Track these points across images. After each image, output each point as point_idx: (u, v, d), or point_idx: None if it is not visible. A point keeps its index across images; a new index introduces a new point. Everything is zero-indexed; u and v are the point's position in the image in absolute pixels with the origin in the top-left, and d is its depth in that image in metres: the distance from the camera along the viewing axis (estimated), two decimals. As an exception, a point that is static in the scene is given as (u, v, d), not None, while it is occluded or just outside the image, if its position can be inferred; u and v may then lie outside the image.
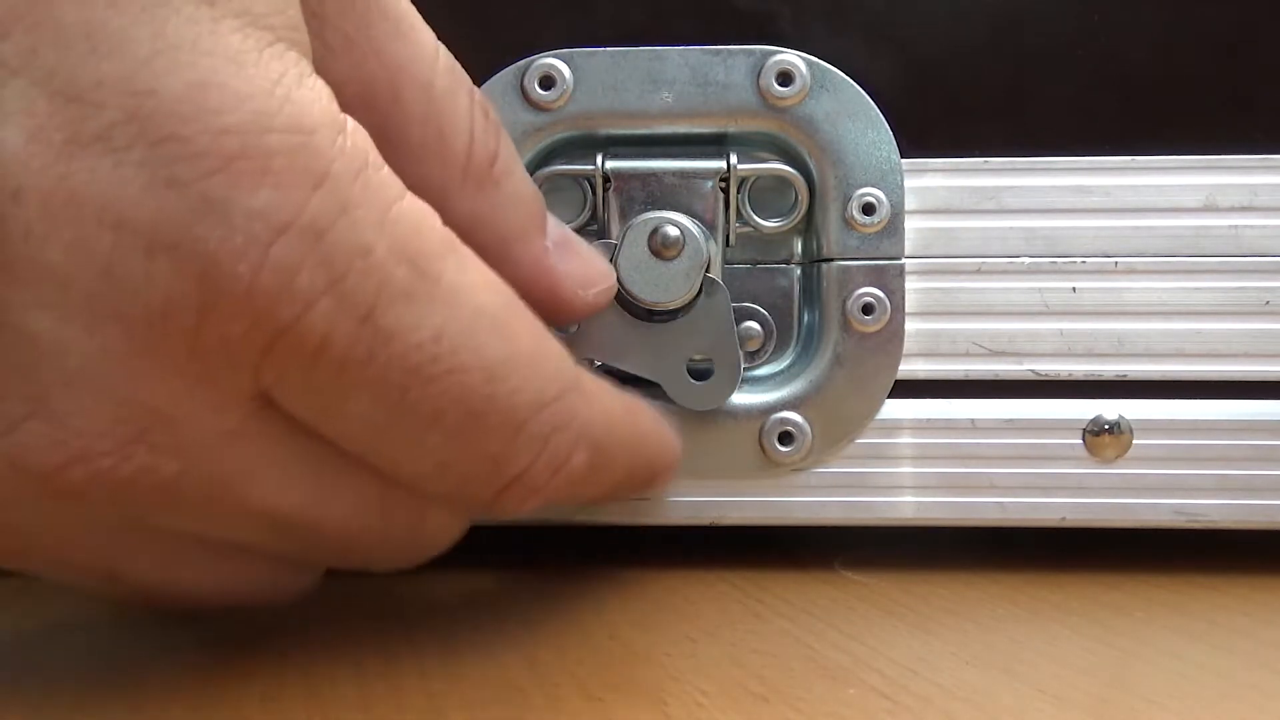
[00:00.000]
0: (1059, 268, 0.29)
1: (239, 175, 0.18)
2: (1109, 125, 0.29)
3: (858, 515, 0.29)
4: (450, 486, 0.21)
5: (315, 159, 0.19)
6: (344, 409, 0.20)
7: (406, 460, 0.21)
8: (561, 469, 0.22)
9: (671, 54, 0.28)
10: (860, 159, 0.28)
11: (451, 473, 0.21)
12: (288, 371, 0.19)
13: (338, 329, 0.19)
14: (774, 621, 0.26)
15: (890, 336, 0.29)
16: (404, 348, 0.19)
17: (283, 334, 0.19)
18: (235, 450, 0.20)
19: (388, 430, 0.20)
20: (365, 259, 0.19)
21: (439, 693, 0.21)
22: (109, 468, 0.19)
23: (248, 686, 0.22)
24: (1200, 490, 0.29)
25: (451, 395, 0.20)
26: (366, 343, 0.19)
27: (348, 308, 0.19)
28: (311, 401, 0.20)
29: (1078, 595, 0.28)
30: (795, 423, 0.29)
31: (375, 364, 0.19)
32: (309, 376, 0.19)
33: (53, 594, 0.29)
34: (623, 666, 0.23)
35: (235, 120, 0.18)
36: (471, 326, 0.20)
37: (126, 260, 0.18)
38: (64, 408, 0.18)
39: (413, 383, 0.20)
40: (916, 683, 0.22)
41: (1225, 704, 0.21)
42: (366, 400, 0.20)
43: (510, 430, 0.21)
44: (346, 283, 0.19)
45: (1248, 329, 0.28)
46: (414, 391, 0.20)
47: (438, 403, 0.20)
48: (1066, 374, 0.29)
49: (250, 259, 0.18)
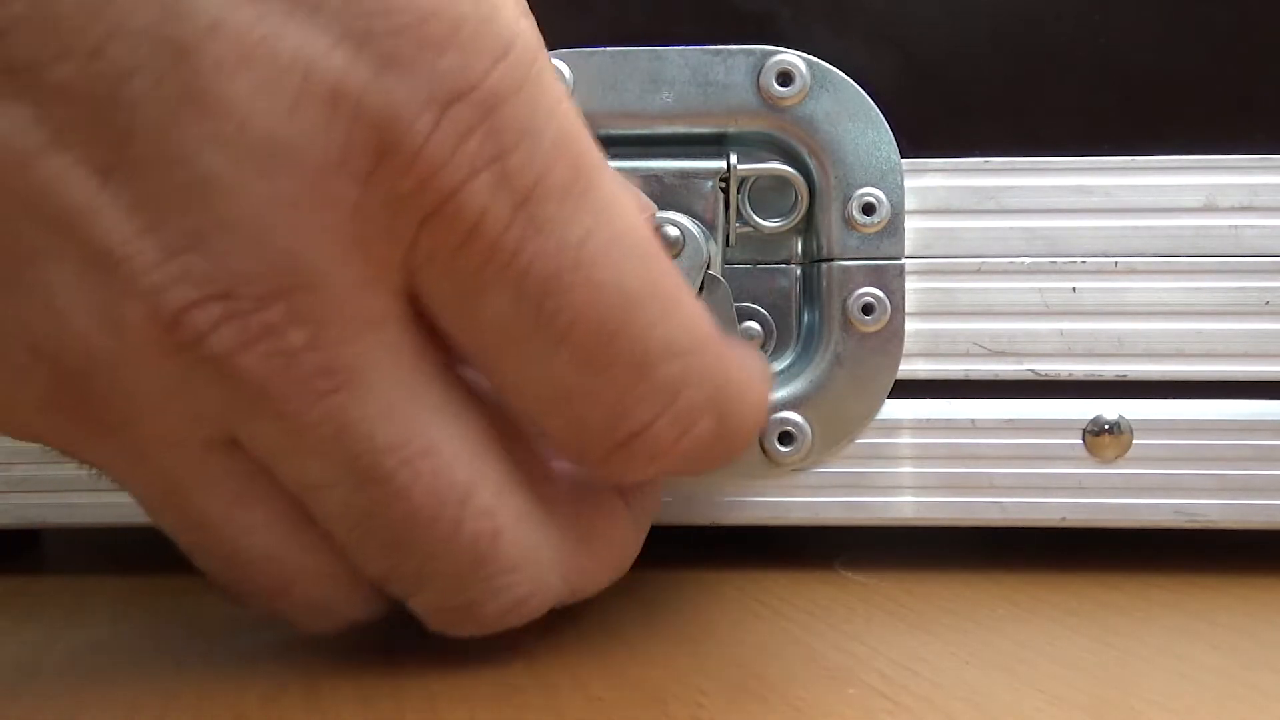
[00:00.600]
0: (1059, 268, 0.29)
1: (429, 35, 0.18)
2: (1109, 125, 0.29)
3: (858, 515, 0.29)
4: (566, 429, 0.21)
5: (501, 32, 0.19)
6: (481, 306, 0.20)
7: (528, 381, 0.20)
8: (687, 433, 0.21)
9: (671, 54, 0.28)
10: (860, 159, 0.28)
11: (569, 411, 0.20)
12: (438, 251, 0.19)
13: (494, 208, 0.19)
14: (774, 621, 0.26)
15: (890, 336, 0.29)
16: (550, 245, 0.19)
17: (444, 201, 0.19)
18: (363, 348, 0.19)
19: (517, 340, 0.20)
20: (532, 142, 0.19)
21: (439, 692, 0.21)
22: (245, 312, 0.19)
23: (248, 686, 0.22)
24: (1200, 490, 0.29)
25: (586, 311, 0.20)
26: (518, 230, 0.19)
27: (507, 188, 0.19)
28: (452, 291, 0.20)
29: (1078, 595, 0.28)
30: (795, 423, 0.29)
31: (521, 257, 0.19)
32: (456, 260, 0.19)
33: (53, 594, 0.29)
34: (623, 666, 0.23)
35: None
36: (616, 243, 0.20)
37: (309, 107, 0.18)
38: (222, 247, 0.18)
39: (552, 287, 0.19)
40: (916, 683, 0.22)
41: (1225, 704, 0.21)
42: (504, 298, 0.19)
43: (638, 370, 0.20)
44: (510, 161, 0.19)
45: (1248, 329, 0.28)
46: (551, 299, 0.19)
47: (571, 315, 0.20)
48: (1066, 374, 0.29)
49: (428, 118, 0.18)
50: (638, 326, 0.20)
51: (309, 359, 0.19)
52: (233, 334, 0.19)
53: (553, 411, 0.21)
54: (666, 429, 0.21)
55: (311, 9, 0.18)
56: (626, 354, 0.20)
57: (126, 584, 0.30)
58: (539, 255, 0.19)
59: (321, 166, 0.18)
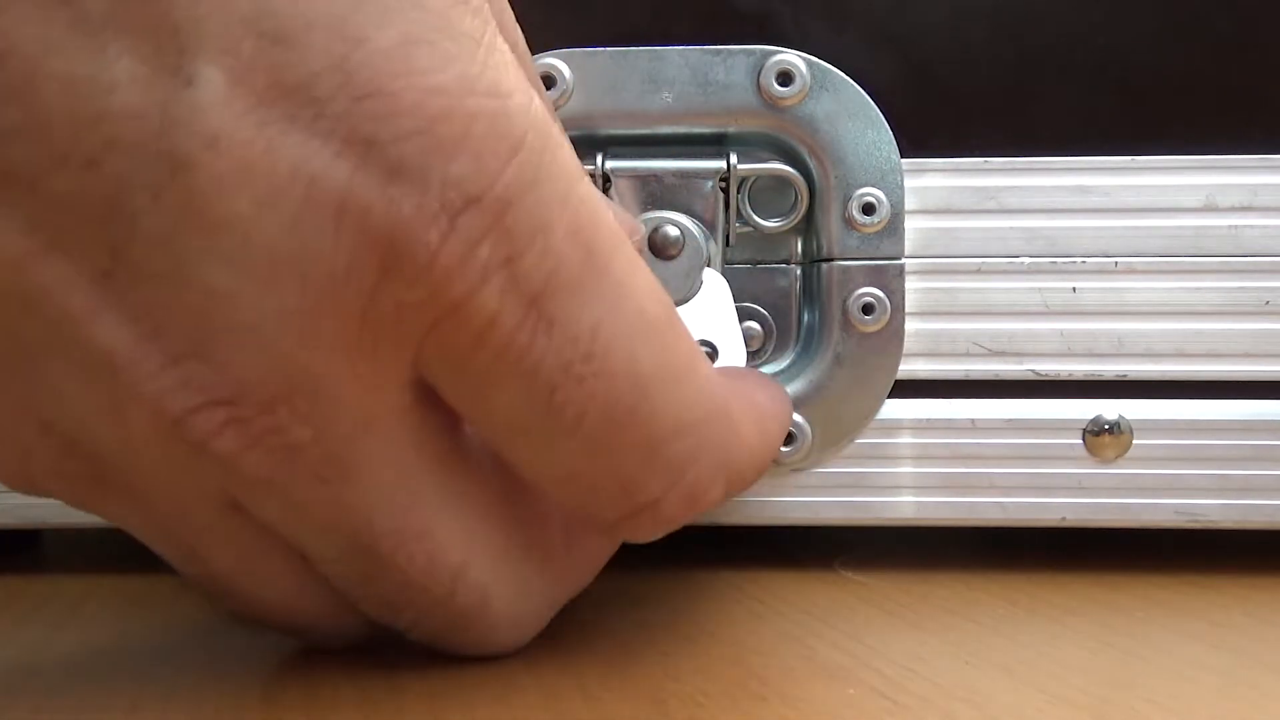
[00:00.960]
0: (1059, 268, 0.29)
1: (439, 140, 0.18)
2: (1109, 125, 0.29)
3: (858, 515, 0.29)
4: (577, 499, 0.21)
5: (512, 127, 0.18)
6: (492, 401, 0.19)
7: (539, 463, 0.20)
8: (696, 503, 0.21)
9: (671, 54, 0.28)
10: (860, 159, 0.28)
11: (580, 485, 0.20)
12: (448, 352, 0.19)
13: (506, 309, 0.18)
14: (774, 621, 0.26)
15: (890, 336, 0.29)
16: (562, 339, 0.19)
17: (454, 309, 0.18)
18: (366, 443, 0.19)
19: (528, 429, 0.20)
20: (545, 238, 0.18)
21: (439, 693, 0.21)
22: (247, 418, 0.18)
23: (248, 686, 0.22)
24: (1200, 490, 0.29)
25: (596, 400, 0.19)
26: (530, 328, 0.19)
27: (519, 288, 0.18)
28: (462, 389, 0.19)
29: (1078, 595, 0.28)
30: (795, 423, 0.29)
31: (532, 353, 0.19)
32: (468, 360, 0.19)
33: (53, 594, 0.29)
34: (623, 666, 0.23)
35: (441, 81, 0.18)
36: (629, 330, 0.19)
37: (313, 220, 0.18)
38: (224, 356, 0.18)
39: (562, 380, 0.19)
40: (916, 682, 0.22)
41: (1225, 704, 0.21)
42: (515, 393, 0.19)
43: (648, 451, 0.20)
44: (524, 261, 0.18)
45: (1248, 329, 0.28)
46: (561, 391, 0.19)
47: (581, 406, 0.19)
48: (1066, 374, 0.29)
49: (438, 229, 0.18)
50: (648, 410, 0.20)
51: (312, 453, 0.19)
52: (236, 436, 0.19)
53: (562, 488, 0.21)
54: (676, 501, 0.21)
55: (313, 116, 0.17)
56: (636, 438, 0.20)
57: (126, 584, 0.30)
58: (549, 351, 0.19)
59: (327, 279, 0.18)
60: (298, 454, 0.19)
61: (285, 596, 0.22)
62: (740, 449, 0.22)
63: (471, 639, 0.22)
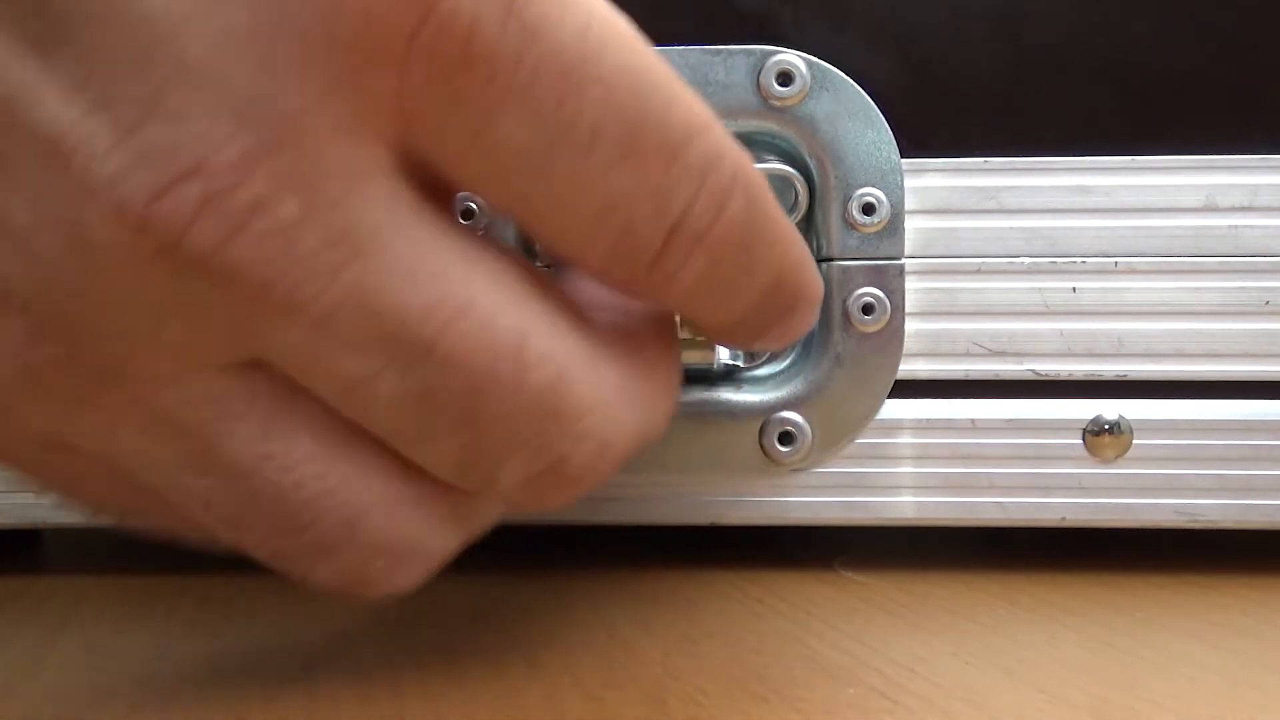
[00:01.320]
0: (1059, 268, 0.29)
1: None
2: (1109, 125, 0.29)
3: (858, 515, 0.29)
4: (609, 244, 0.19)
5: None
6: (494, 134, 0.18)
7: (567, 208, 0.19)
8: (724, 210, 0.19)
9: (671, 54, 0.28)
10: (860, 159, 0.28)
11: (613, 220, 0.19)
12: (432, 81, 0.17)
13: (483, 14, 0.17)
14: (774, 621, 0.26)
15: (890, 336, 0.29)
16: (552, 45, 0.17)
17: (429, 12, 0.16)
18: (364, 206, 0.17)
19: (543, 161, 0.18)
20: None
21: (438, 693, 0.21)
22: (224, 190, 0.16)
23: (248, 686, 0.22)
24: (1200, 490, 0.29)
25: (606, 103, 0.18)
26: (514, 36, 0.17)
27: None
28: (459, 128, 0.18)
29: (1078, 595, 0.28)
30: (795, 423, 0.29)
31: (524, 65, 0.17)
32: (455, 87, 0.17)
33: (52, 594, 0.29)
34: (623, 666, 0.23)
35: None
36: (612, 31, 0.18)
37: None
38: (178, 104, 0.16)
39: (565, 89, 0.17)
40: (916, 682, 0.22)
41: (1225, 704, 0.21)
42: (518, 118, 0.17)
43: (670, 152, 0.19)
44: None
45: (1248, 329, 0.28)
46: (568, 103, 0.18)
47: (595, 114, 0.18)
48: (1066, 374, 0.29)
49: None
50: (658, 109, 0.18)
51: (310, 231, 0.17)
52: (216, 221, 0.16)
53: (594, 230, 0.19)
54: (705, 208, 0.19)
55: None
56: (655, 139, 0.18)
57: (126, 584, 0.30)
58: (543, 59, 0.17)
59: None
60: (292, 237, 0.17)
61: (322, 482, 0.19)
62: (745, 162, 0.20)
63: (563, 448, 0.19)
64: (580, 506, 0.29)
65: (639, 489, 0.29)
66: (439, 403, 0.18)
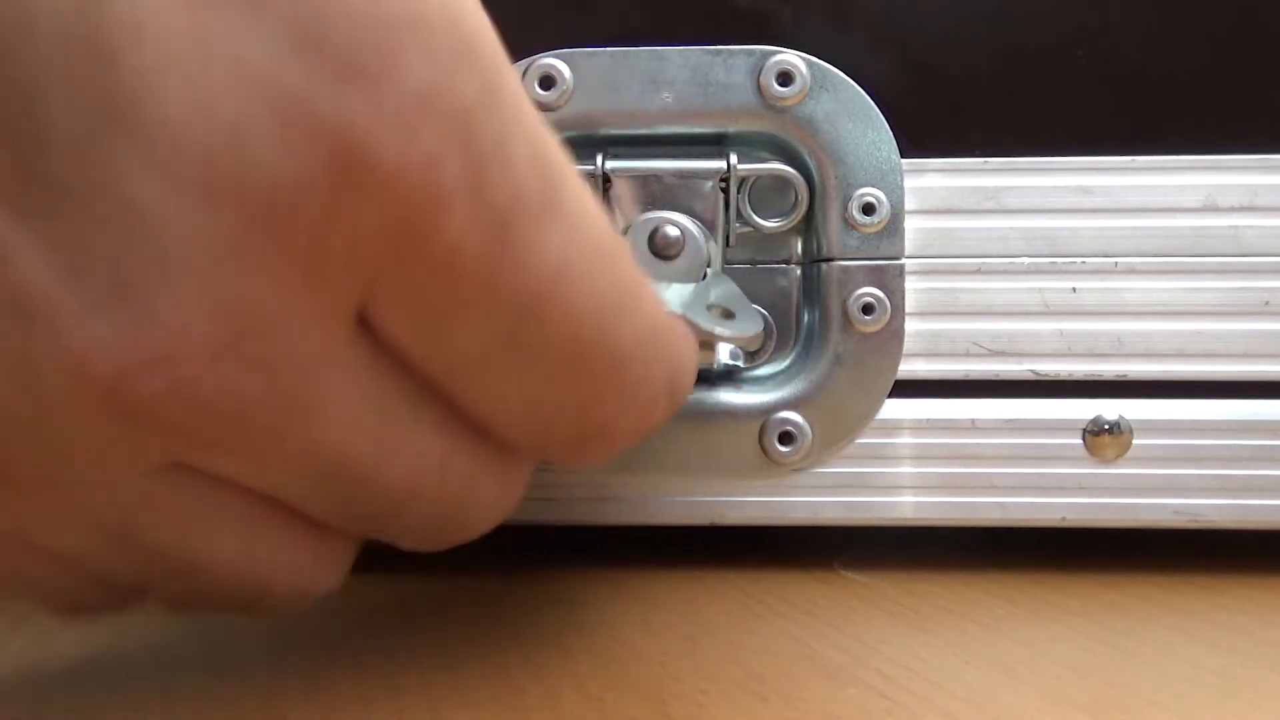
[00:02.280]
0: (1059, 268, 0.29)
1: (395, 45, 0.16)
2: (1109, 125, 0.29)
3: (858, 515, 0.29)
4: (530, 429, 0.20)
5: (470, 38, 0.17)
6: (450, 337, 0.18)
7: (496, 399, 0.19)
8: (647, 419, 0.20)
9: (671, 54, 0.28)
10: (860, 159, 0.28)
11: (537, 416, 0.20)
12: (406, 285, 0.17)
13: (470, 239, 0.17)
14: (774, 621, 0.26)
15: (890, 336, 0.29)
16: (527, 270, 0.18)
17: (416, 234, 0.17)
18: (321, 376, 0.18)
19: (487, 365, 0.19)
20: (506, 163, 0.17)
21: (439, 693, 0.21)
22: (192, 378, 0.16)
23: (248, 686, 0.22)
24: (1200, 490, 0.29)
25: (560, 333, 0.18)
26: (493, 260, 0.17)
27: (483, 216, 0.17)
28: (418, 324, 0.18)
29: (1078, 595, 0.28)
30: (795, 423, 0.29)
31: (495, 287, 0.17)
32: (427, 293, 0.17)
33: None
34: (623, 666, 0.23)
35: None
36: (589, 258, 0.18)
37: (257, 128, 0.15)
38: (156, 297, 0.16)
39: (526, 314, 0.18)
40: (916, 682, 0.22)
41: (1225, 704, 0.21)
42: (476, 328, 0.18)
43: (607, 374, 0.19)
44: (486, 186, 0.17)
45: (1248, 329, 0.28)
46: (526, 326, 0.18)
47: (546, 338, 0.18)
48: (1066, 374, 0.29)
49: (398, 141, 0.16)
50: (610, 335, 0.19)
51: (268, 404, 0.17)
52: (182, 400, 0.16)
53: (519, 422, 0.20)
54: (630, 421, 0.20)
55: (256, 8, 0.15)
56: (599, 364, 0.19)
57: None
58: (513, 284, 0.18)
59: (271, 195, 0.16)
60: (252, 408, 0.17)
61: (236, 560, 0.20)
62: (682, 356, 0.21)
63: (467, 522, 0.21)
64: (580, 506, 0.29)
65: (639, 489, 0.29)
66: (359, 510, 0.20)
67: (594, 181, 0.29)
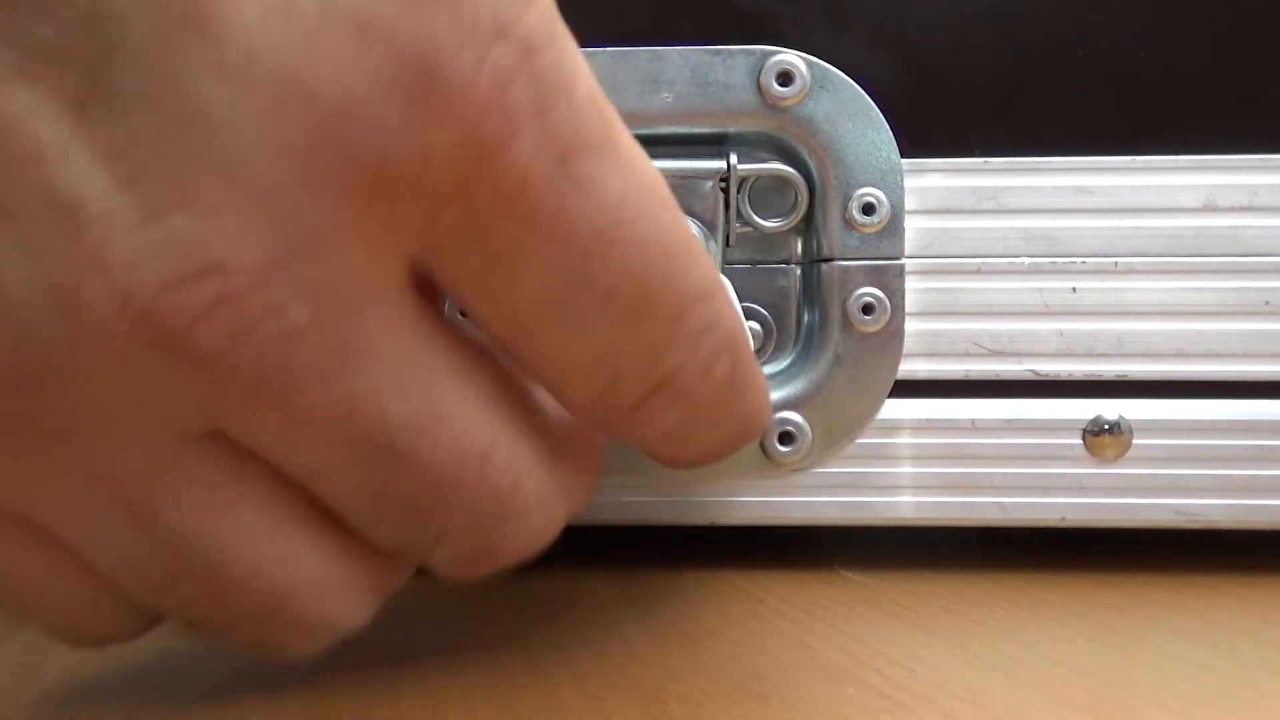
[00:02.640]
0: (1059, 268, 0.29)
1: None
2: (1109, 125, 0.29)
3: (858, 515, 0.29)
4: (598, 385, 0.19)
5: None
6: (517, 279, 0.18)
7: (563, 352, 0.19)
8: (709, 374, 0.20)
9: (671, 54, 0.28)
10: (860, 159, 0.28)
11: (605, 367, 0.19)
12: (473, 219, 0.17)
13: (537, 166, 0.17)
14: (774, 621, 0.26)
15: (890, 336, 0.29)
16: (593, 204, 0.18)
17: (486, 159, 0.17)
18: (369, 318, 0.17)
19: (556, 311, 0.18)
20: (569, 95, 0.17)
21: (439, 693, 0.21)
22: (239, 294, 0.16)
23: (248, 686, 0.22)
24: (1200, 490, 0.29)
25: (630, 268, 0.18)
26: (560, 190, 0.17)
27: (548, 144, 0.17)
28: (483, 268, 0.18)
29: (1078, 595, 0.28)
30: (795, 423, 0.29)
31: (564, 219, 0.17)
32: (495, 228, 0.17)
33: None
34: (623, 666, 0.23)
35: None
36: (648, 195, 0.18)
37: (334, 36, 0.15)
38: (215, 201, 0.15)
39: (596, 248, 0.18)
40: (916, 683, 0.22)
41: (1225, 704, 0.21)
42: (545, 267, 0.18)
43: (675, 318, 0.19)
44: (551, 115, 0.17)
45: (1248, 329, 0.28)
46: (595, 261, 0.18)
47: (616, 275, 0.18)
48: (1066, 374, 0.29)
49: (471, 59, 0.16)
50: (676, 276, 0.19)
51: (313, 339, 0.17)
52: (226, 321, 0.16)
53: (584, 377, 0.19)
54: (693, 370, 0.20)
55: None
56: (667, 305, 0.19)
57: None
58: (582, 216, 0.18)
59: (343, 108, 0.16)
60: (295, 343, 0.17)
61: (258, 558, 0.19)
62: (737, 323, 0.21)
63: (499, 538, 0.20)
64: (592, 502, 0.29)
65: (639, 489, 0.29)
66: (397, 497, 0.19)
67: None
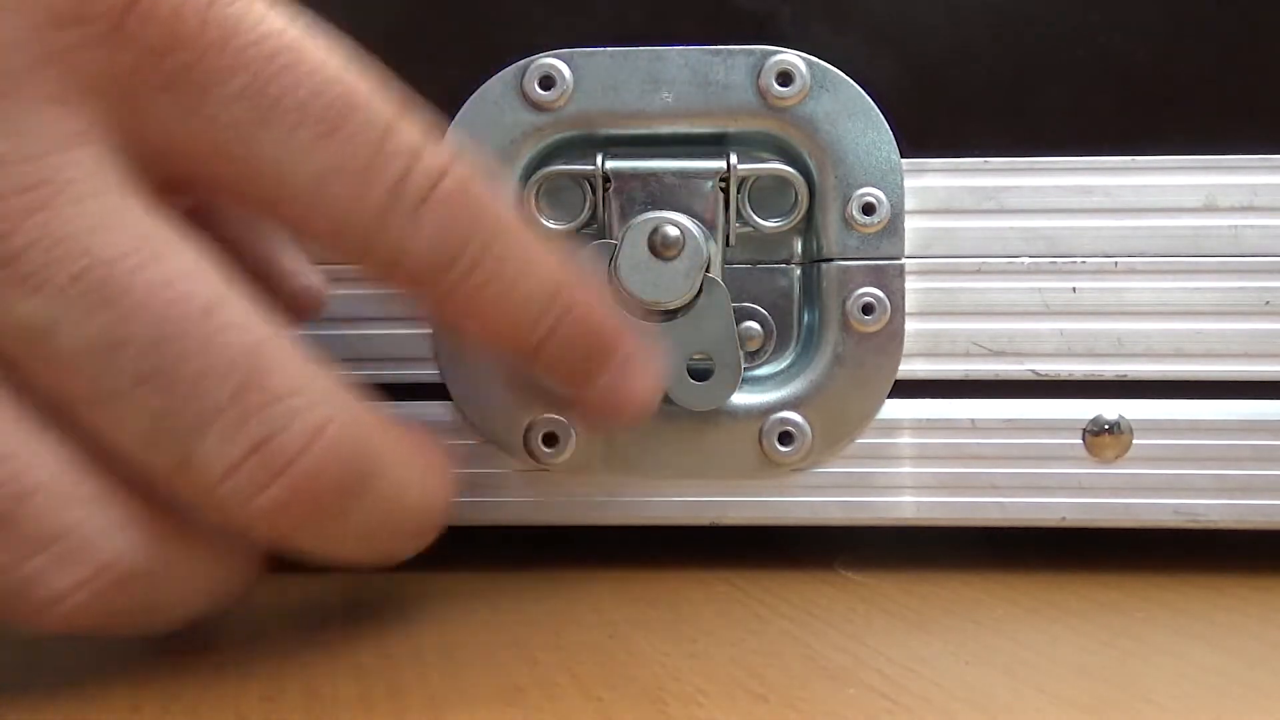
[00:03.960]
0: (1059, 268, 0.29)
1: None
2: (1109, 125, 0.29)
3: (858, 515, 0.29)
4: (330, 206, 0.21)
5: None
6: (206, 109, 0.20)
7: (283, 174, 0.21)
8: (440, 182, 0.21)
9: (671, 54, 0.28)
10: (860, 159, 0.28)
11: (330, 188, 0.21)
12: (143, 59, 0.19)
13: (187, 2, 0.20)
14: (774, 621, 0.26)
15: (890, 336, 0.29)
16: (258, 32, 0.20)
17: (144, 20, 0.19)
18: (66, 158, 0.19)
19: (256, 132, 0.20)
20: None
21: (439, 693, 0.21)
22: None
23: (248, 686, 0.22)
24: (1200, 490, 0.29)
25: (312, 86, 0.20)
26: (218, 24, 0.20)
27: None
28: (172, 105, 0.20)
29: (1078, 595, 0.28)
30: (795, 423, 0.29)
31: (229, 49, 0.20)
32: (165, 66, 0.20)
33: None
34: (623, 666, 0.23)
35: None
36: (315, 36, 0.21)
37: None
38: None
39: (273, 69, 0.20)
40: (916, 683, 0.22)
41: (1225, 704, 0.21)
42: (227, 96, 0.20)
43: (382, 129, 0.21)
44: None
45: (1248, 329, 0.28)
46: (276, 82, 0.20)
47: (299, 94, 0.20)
48: (1066, 374, 0.29)
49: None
50: (366, 92, 0.21)
51: (9, 173, 0.18)
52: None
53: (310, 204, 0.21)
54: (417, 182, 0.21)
55: None
56: (365, 117, 0.21)
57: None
58: (249, 43, 0.20)
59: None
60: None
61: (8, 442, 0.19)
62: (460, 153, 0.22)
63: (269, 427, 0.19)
64: (580, 507, 0.29)
65: (639, 489, 0.29)
66: (124, 357, 0.19)
67: (594, 181, 0.29)
